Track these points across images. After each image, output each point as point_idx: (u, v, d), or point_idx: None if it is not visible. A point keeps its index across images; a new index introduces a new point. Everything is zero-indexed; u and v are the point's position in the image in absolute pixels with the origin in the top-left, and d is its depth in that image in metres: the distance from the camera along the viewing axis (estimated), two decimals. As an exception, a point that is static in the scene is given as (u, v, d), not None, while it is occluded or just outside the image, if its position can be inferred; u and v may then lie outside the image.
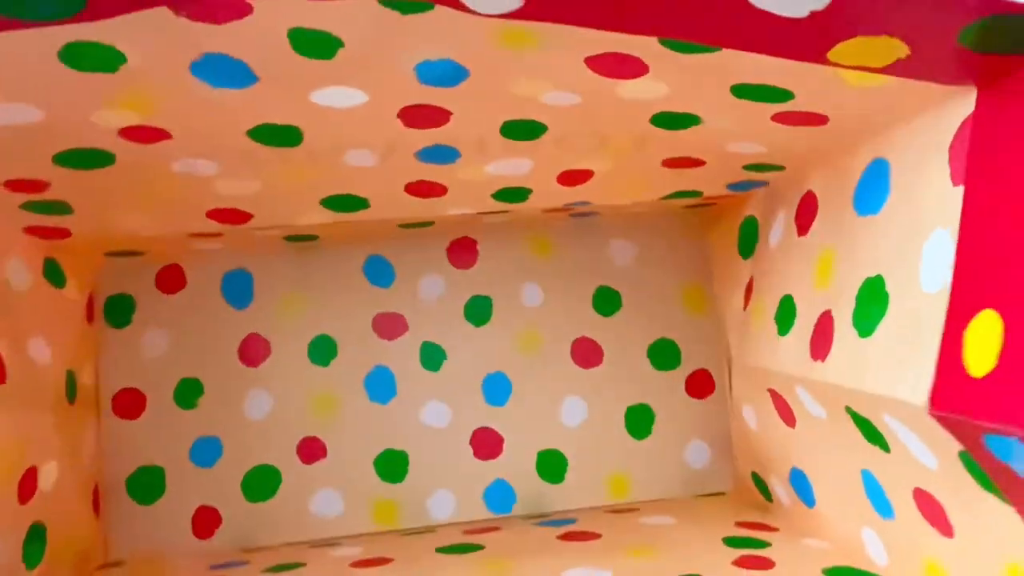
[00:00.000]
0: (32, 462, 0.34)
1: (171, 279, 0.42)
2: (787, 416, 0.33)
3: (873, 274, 0.25)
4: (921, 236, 0.22)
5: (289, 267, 0.42)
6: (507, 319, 0.43)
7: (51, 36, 0.20)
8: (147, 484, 0.41)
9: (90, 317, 0.41)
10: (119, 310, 0.41)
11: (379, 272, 0.43)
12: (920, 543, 0.26)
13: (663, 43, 0.21)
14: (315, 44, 0.21)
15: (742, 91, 0.24)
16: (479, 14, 0.20)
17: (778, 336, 0.31)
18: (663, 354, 0.43)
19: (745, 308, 0.36)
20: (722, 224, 0.41)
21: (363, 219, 0.35)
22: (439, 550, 0.35)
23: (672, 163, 0.32)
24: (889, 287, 0.24)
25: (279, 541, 0.41)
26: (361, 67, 0.23)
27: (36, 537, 0.34)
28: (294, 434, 0.41)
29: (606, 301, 0.43)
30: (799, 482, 0.34)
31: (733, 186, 0.35)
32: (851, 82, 0.22)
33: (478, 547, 0.35)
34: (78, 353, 0.39)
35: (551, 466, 0.42)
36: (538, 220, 0.42)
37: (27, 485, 0.33)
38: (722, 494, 0.42)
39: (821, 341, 0.27)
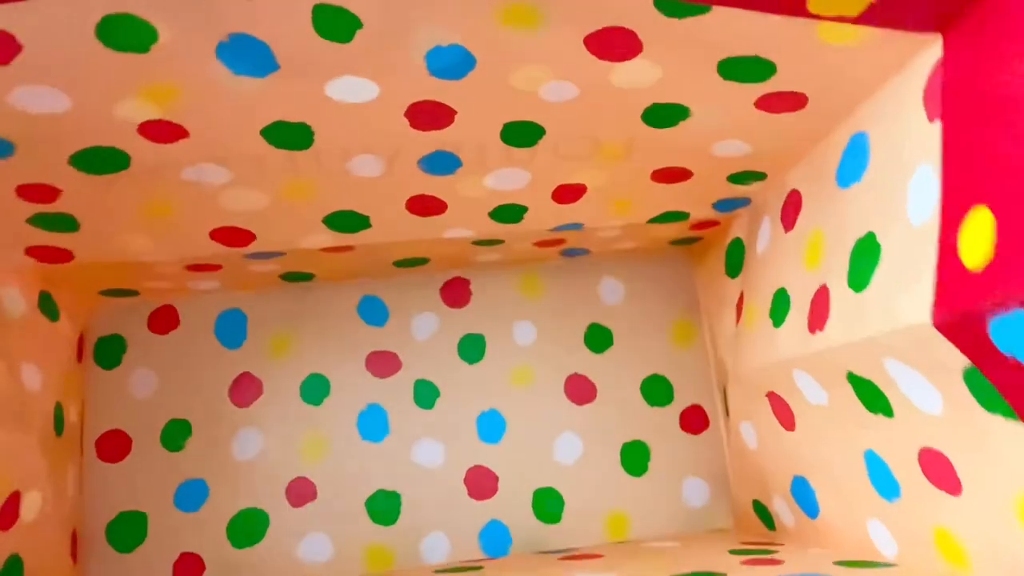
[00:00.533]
0: (16, 486, 0.33)
1: (164, 320, 0.42)
2: (786, 419, 0.33)
3: (863, 233, 0.26)
4: (906, 177, 0.24)
5: (284, 306, 0.42)
6: (500, 356, 0.43)
7: (89, 7, 0.21)
8: (128, 530, 0.39)
9: (79, 357, 0.40)
10: (109, 351, 0.41)
11: (373, 312, 0.43)
12: (928, 514, 0.26)
13: (657, 5, 0.23)
14: (336, 23, 0.23)
15: (728, 69, 0.26)
16: None
17: (774, 329, 0.32)
18: (656, 390, 0.43)
19: (737, 323, 0.37)
20: (709, 254, 0.42)
21: (363, 242, 0.36)
22: (437, 572, 0.34)
23: (661, 175, 0.33)
24: (880, 238, 0.25)
25: (264, 593, 0.39)
26: (375, 53, 0.24)
27: (13, 570, 0.32)
28: (283, 475, 0.40)
29: (597, 338, 0.44)
30: (802, 491, 0.34)
31: (719, 204, 0.37)
32: (828, 40, 0.24)
33: (477, 567, 0.34)
34: (66, 390, 0.38)
35: (547, 505, 0.41)
36: (529, 259, 0.43)
37: (9, 511, 0.32)
38: (724, 531, 0.41)
39: (818, 314, 0.28)
